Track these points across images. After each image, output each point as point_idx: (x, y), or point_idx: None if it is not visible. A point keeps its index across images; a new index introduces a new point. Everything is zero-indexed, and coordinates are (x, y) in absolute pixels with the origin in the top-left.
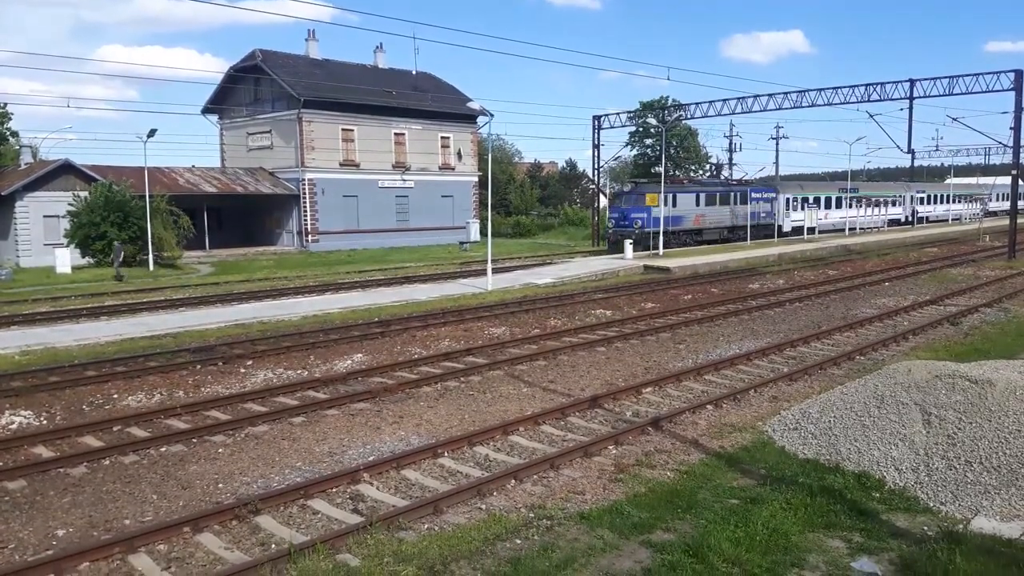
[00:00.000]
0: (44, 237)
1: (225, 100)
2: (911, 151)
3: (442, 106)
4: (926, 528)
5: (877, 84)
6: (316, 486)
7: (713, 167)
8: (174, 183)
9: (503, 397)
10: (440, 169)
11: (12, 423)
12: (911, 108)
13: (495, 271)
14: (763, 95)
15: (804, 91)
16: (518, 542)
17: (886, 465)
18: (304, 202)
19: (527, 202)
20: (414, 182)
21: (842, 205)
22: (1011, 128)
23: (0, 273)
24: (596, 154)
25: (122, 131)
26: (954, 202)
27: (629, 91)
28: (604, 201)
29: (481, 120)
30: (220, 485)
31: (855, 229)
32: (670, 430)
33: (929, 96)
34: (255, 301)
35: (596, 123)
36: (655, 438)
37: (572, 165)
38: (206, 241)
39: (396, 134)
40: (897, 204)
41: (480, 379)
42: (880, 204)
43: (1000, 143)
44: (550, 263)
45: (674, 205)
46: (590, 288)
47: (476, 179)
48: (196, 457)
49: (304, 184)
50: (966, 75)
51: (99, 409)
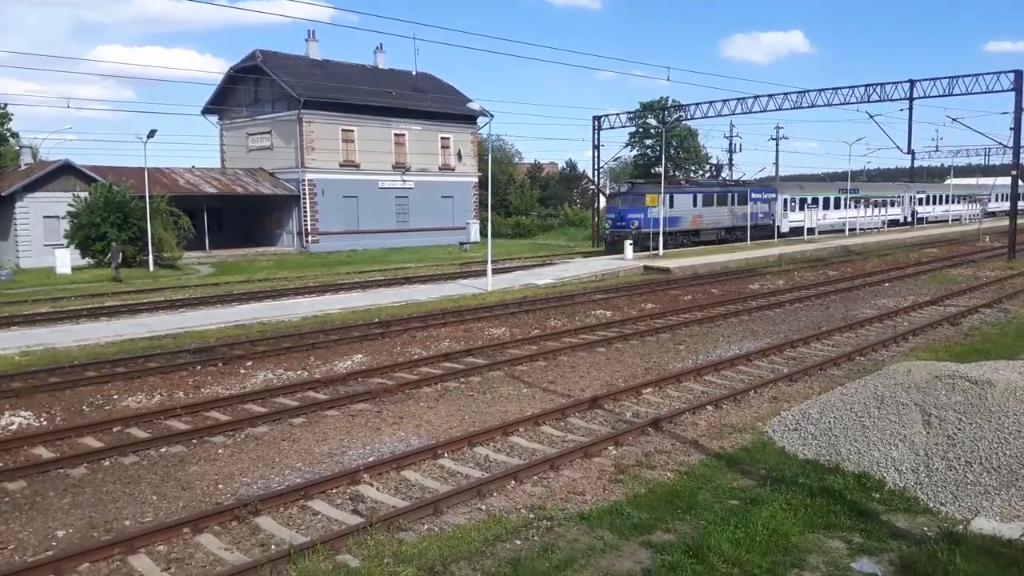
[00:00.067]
0: (44, 238)
1: (225, 101)
2: (911, 152)
3: (442, 107)
4: (926, 529)
5: (877, 84)
6: (316, 487)
7: (713, 168)
8: (174, 184)
9: (503, 398)
10: (440, 170)
11: (12, 424)
12: (911, 108)
13: (495, 272)
14: (763, 95)
15: (804, 91)
16: (518, 543)
17: (886, 466)
18: (304, 203)
19: (527, 203)
20: (414, 183)
21: (840, 206)
22: (1011, 128)
23: (0, 274)
24: (596, 155)
25: (122, 132)
26: (954, 203)
27: (629, 91)
28: (604, 202)
29: (481, 121)
30: (220, 486)
31: (855, 230)
32: (670, 431)
33: (929, 96)
34: (255, 302)
35: (596, 123)
36: (655, 439)
37: (572, 166)
38: (206, 242)
39: (396, 135)
40: (896, 205)
41: (480, 380)
42: (879, 205)
43: (1000, 144)
44: (550, 264)
45: (671, 206)
46: (590, 289)
47: (476, 180)
48: (196, 458)
49: (304, 185)
50: (966, 75)
51: (99, 410)
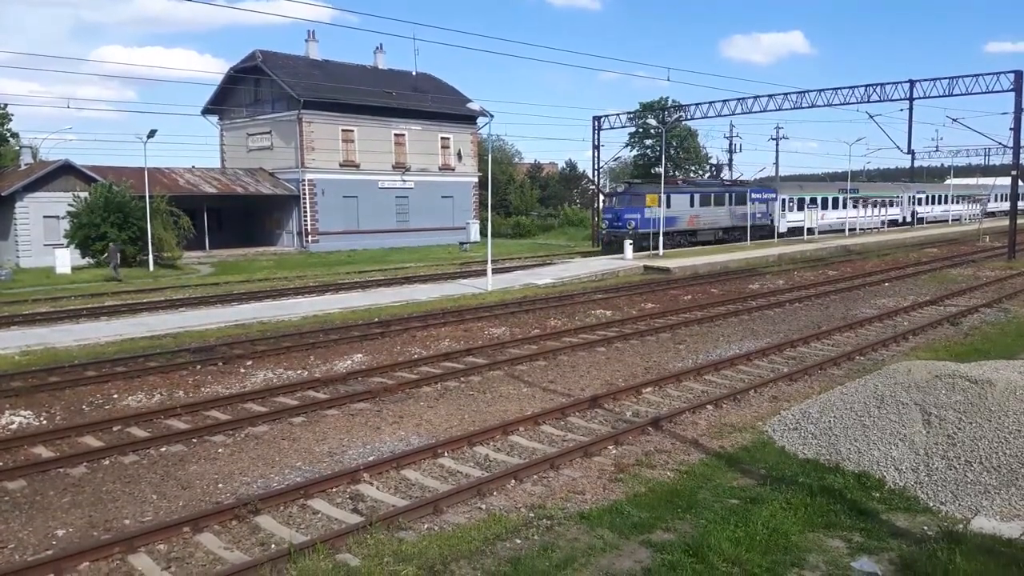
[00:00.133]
0: (44, 237)
1: (225, 101)
2: (911, 152)
3: (442, 107)
4: (926, 528)
5: (877, 85)
6: (316, 486)
7: (713, 168)
8: (174, 184)
9: (503, 397)
10: (440, 170)
11: (12, 423)
12: (911, 109)
13: (495, 271)
14: (763, 96)
15: (804, 92)
16: (518, 542)
17: (886, 465)
18: (304, 203)
19: (527, 203)
20: (414, 183)
21: (839, 206)
22: (1011, 129)
23: (0, 273)
24: (596, 155)
25: (122, 132)
26: (953, 203)
27: (629, 92)
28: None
29: (481, 121)
30: (220, 485)
31: (855, 230)
32: (670, 430)
33: (929, 97)
34: (255, 301)
35: (596, 124)
36: (655, 438)
37: (572, 166)
38: (206, 242)
39: (396, 135)
40: (895, 205)
41: (480, 379)
42: (878, 205)
43: (1000, 144)
44: (550, 263)
45: (668, 206)
46: (590, 288)
47: (476, 180)
48: (196, 457)
49: (304, 185)
50: (966, 76)
51: (99, 409)
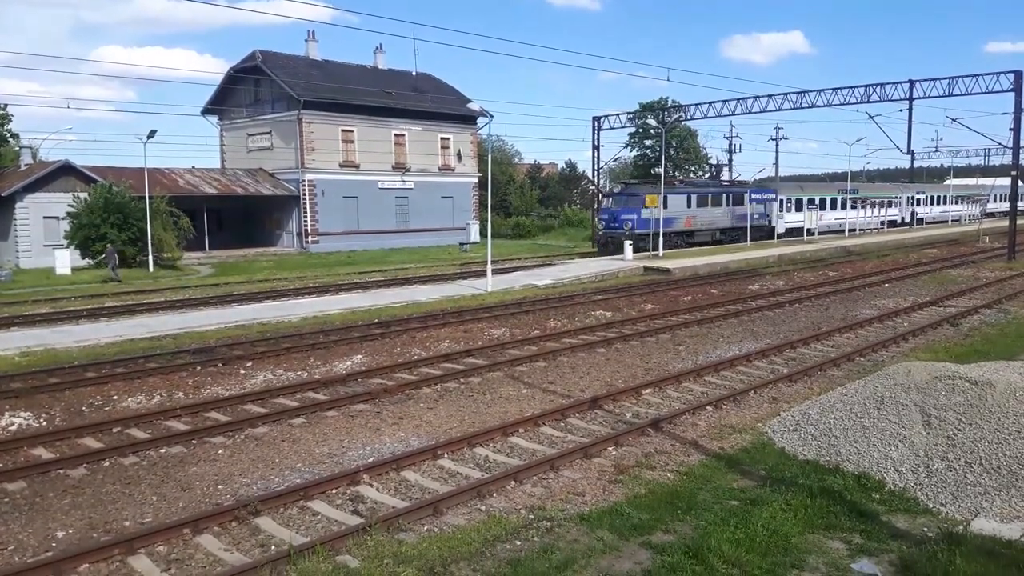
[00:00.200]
0: (44, 238)
1: (225, 101)
2: (911, 152)
3: (442, 107)
4: (926, 529)
5: (877, 85)
6: (316, 487)
7: (713, 168)
8: (174, 184)
9: (503, 398)
10: (440, 170)
11: (12, 424)
12: (911, 109)
13: (495, 272)
14: (763, 96)
15: (804, 92)
16: (518, 543)
17: (886, 466)
18: (304, 203)
19: (527, 203)
20: (414, 183)
21: (838, 206)
22: (1011, 129)
23: (0, 274)
24: (596, 155)
25: (122, 132)
26: (953, 203)
27: (629, 92)
28: None
29: (481, 121)
30: (220, 486)
31: (855, 230)
32: (670, 431)
33: (929, 97)
34: (255, 302)
35: (596, 124)
36: (655, 439)
37: (572, 166)
38: (206, 242)
39: (396, 135)
40: (894, 205)
41: (480, 380)
42: (876, 205)
43: (1000, 144)
44: (550, 264)
45: (665, 206)
46: (590, 289)
47: (476, 180)
48: (196, 458)
49: (304, 185)
50: (966, 76)
51: (99, 410)
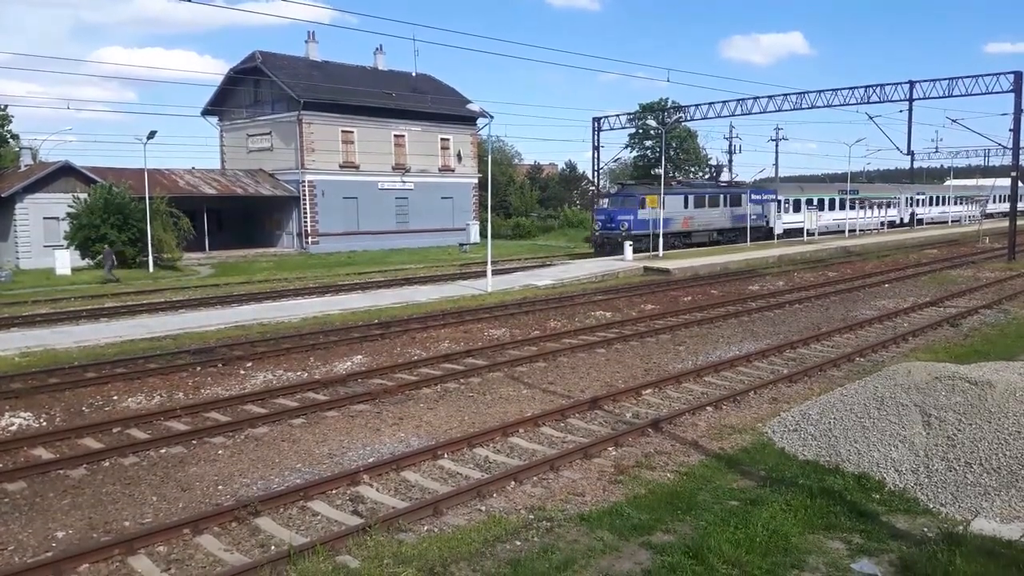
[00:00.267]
0: (44, 239)
1: (225, 102)
2: (911, 153)
3: (442, 108)
4: (926, 529)
5: (877, 86)
6: (316, 488)
7: (712, 168)
8: (174, 185)
9: (503, 399)
10: (440, 171)
11: (12, 425)
12: (911, 110)
13: (495, 273)
14: (763, 97)
15: (804, 93)
16: (518, 543)
17: (886, 467)
18: (304, 204)
19: (527, 204)
20: (414, 184)
21: (836, 207)
22: (1010, 130)
23: (0, 275)
24: (596, 156)
25: (122, 133)
26: (952, 204)
27: (629, 93)
28: None
29: (481, 122)
30: (220, 487)
31: (855, 231)
32: (670, 432)
33: (929, 98)
34: (255, 303)
35: (596, 125)
36: (655, 440)
37: (572, 167)
38: (206, 243)
39: (396, 136)
40: (893, 206)
41: (480, 381)
42: (874, 206)
43: (1000, 145)
44: (550, 265)
45: (662, 207)
46: (590, 290)
47: (476, 181)
48: (196, 459)
49: (304, 186)
50: (966, 77)
51: (99, 411)
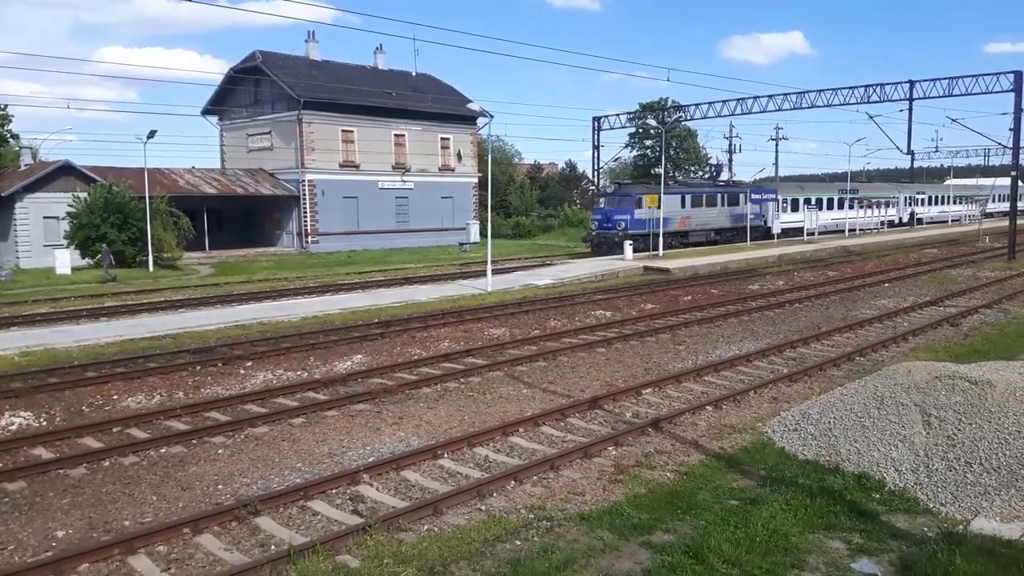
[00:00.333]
0: (44, 238)
1: (225, 101)
2: (911, 152)
3: (442, 107)
4: (926, 529)
5: (877, 85)
6: (316, 487)
7: (712, 168)
8: (174, 184)
9: (503, 398)
10: (440, 170)
11: (12, 424)
12: (911, 109)
13: (495, 272)
14: (763, 96)
15: (804, 92)
16: (518, 543)
17: (886, 466)
18: (304, 203)
19: (527, 203)
20: (414, 183)
21: (835, 206)
22: (1010, 129)
23: (0, 274)
24: (596, 155)
25: (122, 132)
26: (952, 203)
27: (629, 92)
28: None
29: (481, 121)
30: (220, 486)
31: (855, 230)
32: (670, 431)
33: (929, 97)
34: (255, 302)
35: (596, 124)
36: (655, 439)
37: (572, 166)
38: (206, 242)
39: (396, 135)
40: (891, 205)
41: (480, 380)
42: (874, 205)
43: (1000, 144)
44: (550, 264)
45: (658, 206)
46: (590, 289)
47: (476, 180)
48: (196, 458)
49: (304, 185)
50: (966, 76)
51: (99, 410)
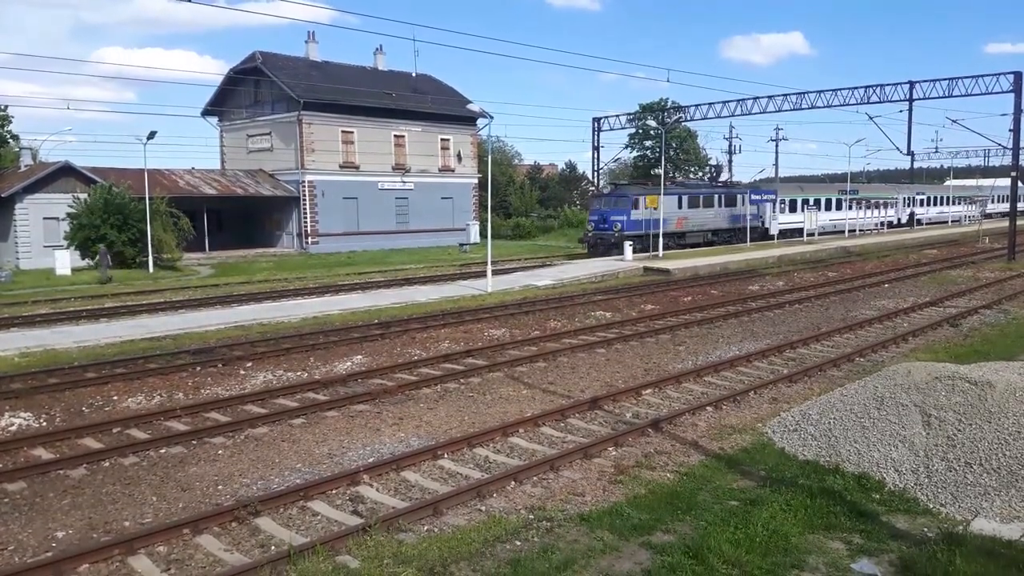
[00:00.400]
0: (44, 239)
1: (225, 102)
2: (911, 153)
3: (442, 108)
4: (926, 529)
5: (877, 86)
6: (316, 488)
7: (712, 168)
8: (174, 185)
9: (503, 399)
10: (440, 171)
11: (12, 425)
12: (911, 110)
13: (495, 273)
14: (763, 97)
15: (804, 93)
16: (518, 544)
17: (886, 467)
18: (304, 204)
19: (527, 204)
20: (414, 184)
21: (832, 207)
22: (1010, 130)
23: (0, 275)
24: (596, 156)
25: (122, 133)
26: (952, 204)
27: (629, 93)
28: None
29: (481, 122)
30: (220, 487)
31: (854, 231)
32: (670, 432)
33: (929, 98)
34: (255, 303)
35: (596, 125)
36: (655, 440)
37: (572, 167)
38: (206, 243)
39: (396, 136)
40: (890, 206)
41: (480, 381)
42: (872, 206)
43: (1000, 145)
44: (550, 265)
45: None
46: (589, 290)
47: (476, 181)
48: (196, 459)
49: (304, 186)
50: (965, 77)
51: (99, 411)
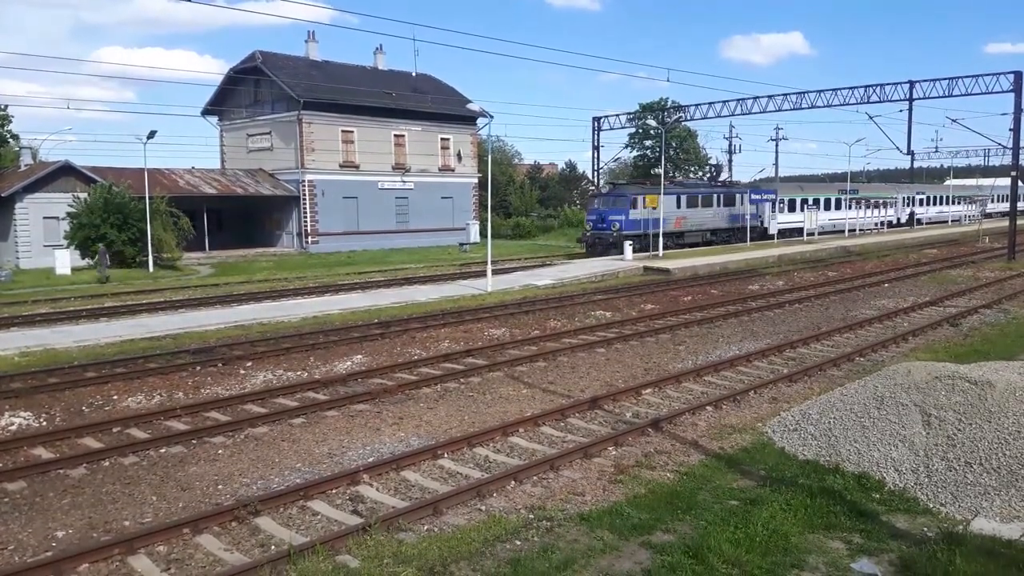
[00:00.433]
0: (44, 238)
1: (225, 102)
2: (911, 152)
3: (442, 107)
4: (926, 529)
5: (877, 86)
6: (316, 487)
7: (712, 168)
8: (174, 184)
9: (503, 398)
10: (440, 170)
11: (12, 424)
12: (911, 109)
13: (495, 272)
14: (763, 96)
15: (804, 93)
16: (518, 543)
17: (886, 466)
18: (304, 203)
19: (527, 203)
20: (414, 183)
21: (831, 207)
22: (1010, 130)
23: (0, 274)
24: (596, 155)
25: (122, 133)
26: (952, 204)
27: (629, 92)
28: None
29: (481, 121)
30: (220, 486)
31: (854, 231)
32: (670, 431)
33: (929, 98)
34: (255, 302)
35: (596, 124)
36: (655, 439)
37: (572, 166)
38: (206, 242)
39: (396, 135)
40: (889, 206)
41: (480, 380)
42: (872, 206)
43: (1000, 144)
44: (550, 264)
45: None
46: (589, 289)
47: (476, 180)
48: (196, 458)
49: (304, 185)
50: (966, 77)
51: (99, 410)
